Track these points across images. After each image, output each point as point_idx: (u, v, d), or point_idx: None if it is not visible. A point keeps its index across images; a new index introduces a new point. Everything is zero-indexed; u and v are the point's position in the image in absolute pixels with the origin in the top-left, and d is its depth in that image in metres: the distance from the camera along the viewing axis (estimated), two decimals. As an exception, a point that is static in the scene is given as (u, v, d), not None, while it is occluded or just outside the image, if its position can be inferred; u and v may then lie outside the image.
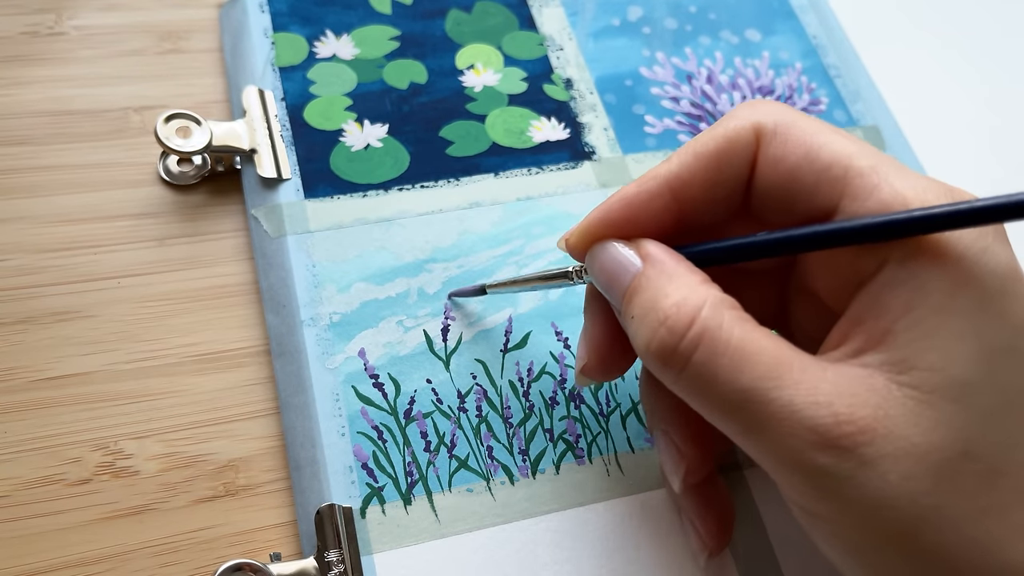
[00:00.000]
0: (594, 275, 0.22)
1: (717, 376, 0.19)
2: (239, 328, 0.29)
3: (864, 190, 0.19)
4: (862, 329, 0.19)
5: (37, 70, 0.34)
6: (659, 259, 0.21)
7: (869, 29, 0.41)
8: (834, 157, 0.20)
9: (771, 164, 0.21)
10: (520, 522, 0.26)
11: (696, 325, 0.19)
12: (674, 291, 0.20)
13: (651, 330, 0.20)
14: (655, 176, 0.22)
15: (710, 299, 0.20)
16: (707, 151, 0.22)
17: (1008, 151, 0.38)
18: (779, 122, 0.21)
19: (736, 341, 0.19)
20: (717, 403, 0.19)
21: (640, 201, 0.22)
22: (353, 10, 0.36)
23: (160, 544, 0.26)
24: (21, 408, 0.27)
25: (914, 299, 0.18)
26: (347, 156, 0.32)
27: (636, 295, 0.21)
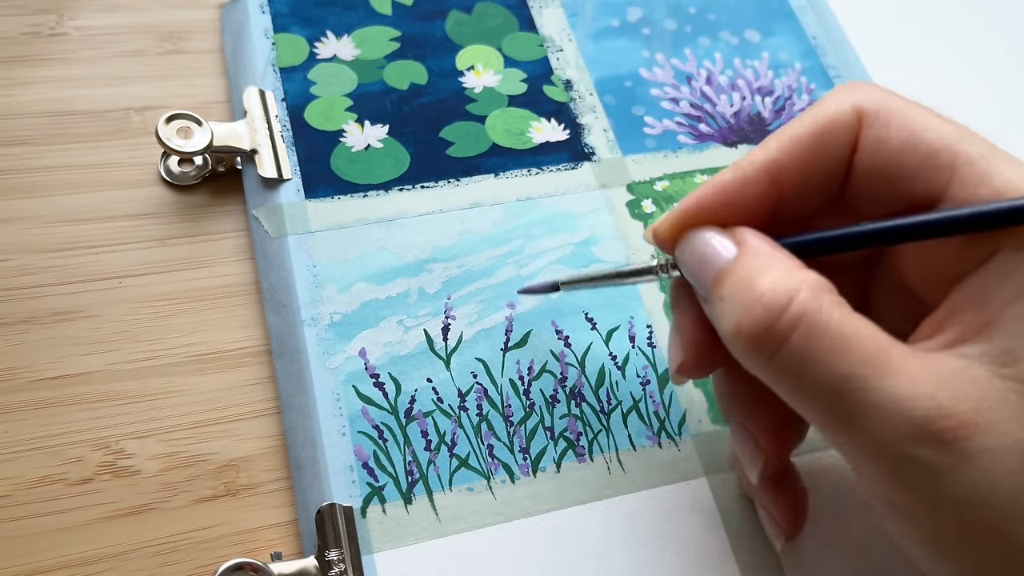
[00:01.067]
0: (685, 263, 0.21)
1: (816, 360, 0.18)
2: (240, 328, 0.30)
3: (974, 177, 0.19)
4: (961, 319, 0.18)
5: (38, 71, 0.34)
6: (755, 245, 0.20)
7: (869, 29, 0.41)
8: (941, 142, 0.19)
9: (873, 147, 0.20)
10: (521, 521, 0.26)
11: (795, 305, 0.18)
12: (770, 272, 0.19)
13: (744, 308, 0.19)
14: (752, 161, 0.21)
15: (809, 281, 0.19)
16: (806, 134, 0.21)
17: (1008, 150, 0.38)
18: (881, 104, 0.20)
19: (836, 324, 0.18)
20: (813, 389, 0.18)
21: (736, 187, 0.21)
22: (353, 11, 0.36)
23: (161, 544, 0.26)
24: (22, 408, 0.27)
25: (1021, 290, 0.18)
26: (347, 156, 0.32)
27: (728, 277, 0.20)
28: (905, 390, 0.17)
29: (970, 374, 0.18)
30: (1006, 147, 0.20)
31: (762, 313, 0.18)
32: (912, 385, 0.17)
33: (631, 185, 0.34)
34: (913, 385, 0.17)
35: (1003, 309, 0.18)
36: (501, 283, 0.30)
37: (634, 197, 0.33)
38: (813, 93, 0.38)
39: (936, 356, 0.18)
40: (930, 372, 0.18)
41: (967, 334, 0.18)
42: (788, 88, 0.38)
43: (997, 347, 0.18)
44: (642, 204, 0.33)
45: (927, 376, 0.18)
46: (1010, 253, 0.18)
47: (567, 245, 0.32)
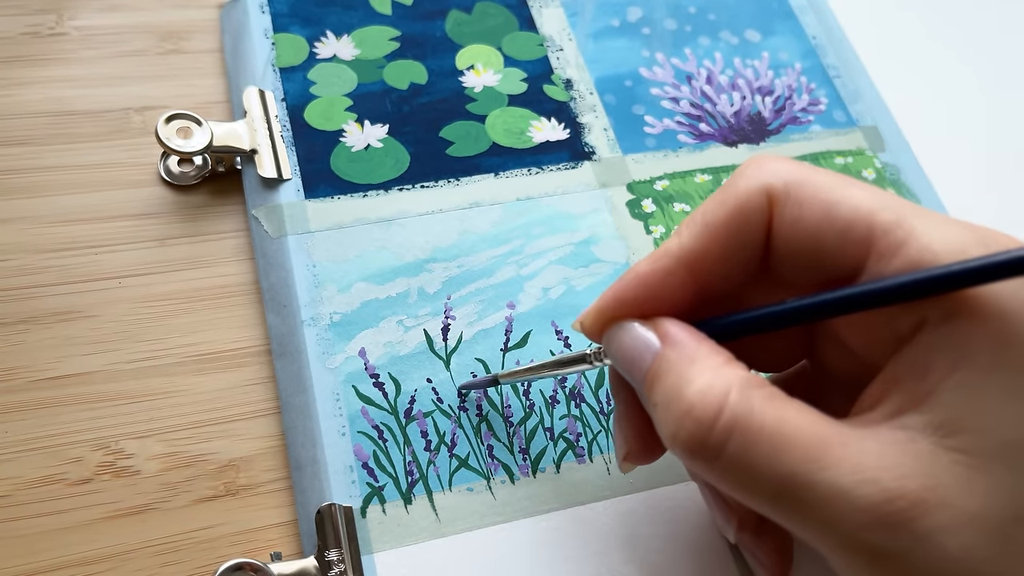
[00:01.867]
0: (612, 358, 0.21)
1: (754, 465, 0.18)
2: (240, 328, 0.30)
3: (890, 247, 0.18)
4: (901, 389, 0.18)
5: (38, 71, 0.34)
6: (678, 339, 0.20)
7: (869, 29, 0.41)
8: (855, 214, 0.19)
9: (788, 228, 0.20)
10: (521, 521, 0.26)
11: (725, 413, 0.18)
12: (697, 376, 0.19)
13: (676, 420, 0.19)
14: (667, 252, 0.21)
15: (736, 382, 0.18)
16: (718, 221, 0.21)
17: (1007, 151, 0.38)
18: (791, 182, 0.20)
19: (771, 425, 0.18)
20: (756, 491, 0.18)
21: (655, 279, 0.21)
22: (353, 11, 0.36)
23: (161, 544, 0.26)
24: (22, 408, 0.27)
25: (957, 359, 0.17)
26: (347, 156, 0.32)
27: (657, 381, 0.20)
28: (849, 479, 0.17)
29: (914, 448, 0.17)
30: (1005, 146, 0.20)
31: (693, 427, 0.18)
32: (855, 472, 0.17)
33: (631, 184, 0.34)
34: (856, 472, 0.17)
35: (941, 380, 0.18)
36: (501, 283, 0.30)
37: (634, 196, 0.33)
38: (813, 93, 0.38)
39: (879, 431, 0.18)
40: (873, 453, 0.17)
41: (908, 405, 0.18)
42: (788, 88, 0.38)
43: (938, 418, 0.17)
44: (642, 203, 0.33)
45: (870, 458, 0.17)
46: (937, 324, 0.18)
47: (567, 245, 0.32)
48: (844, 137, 0.37)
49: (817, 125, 0.37)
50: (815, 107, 0.37)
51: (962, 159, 0.38)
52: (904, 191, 0.36)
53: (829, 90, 0.38)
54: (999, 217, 0.36)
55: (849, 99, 0.38)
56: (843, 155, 0.36)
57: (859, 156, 0.36)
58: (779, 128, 0.37)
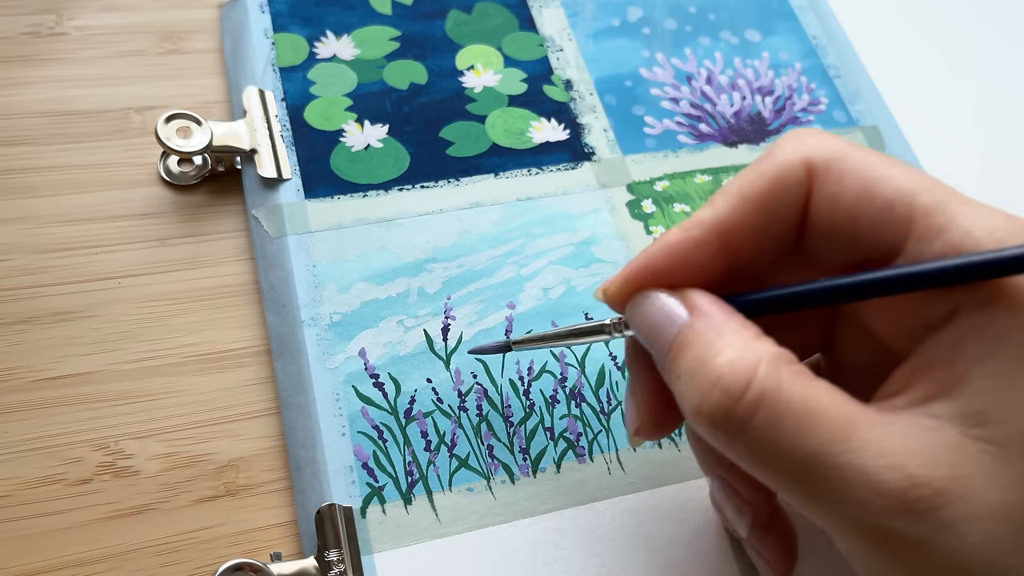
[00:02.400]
0: (636, 327, 0.21)
1: (780, 441, 0.17)
2: (240, 328, 0.30)
3: (931, 230, 0.18)
4: (929, 376, 0.18)
5: (38, 70, 0.34)
6: (707, 311, 0.19)
7: (869, 29, 0.41)
8: (896, 194, 0.19)
9: (827, 203, 0.20)
10: (521, 521, 0.26)
11: (754, 386, 0.18)
12: (726, 347, 0.18)
13: (702, 392, 0.18)
14: (700, 221, 0.20)
15: (766, 356, 0.18)
16: (755, 193, 0.20)
17: (1008, 151, 0.38)
18: (831, 156, 0.20)
19: (798, 402, 0.17)
20: (779, 469, 0.18)
21: (685, 248, 0.20)
22: (353, 11, 0.36)
23: (161, 544, 0.26)
24: (22, 408, 0.27)
25: (991, 348, 0.17)
26: (347, 156, 0.32)
27: (683, 351, 0.19)
28: (874, 462, 0.17)
29: (941, 436, 0.17)
30: (1006, 146, 0.20)
31: (721, 398, 0.18)
32: (881, 456, 0.17)
33: (631, 185, 0.34)
34: (882, 456, 0.17)
35: (971, 368, 0.17)
36: (501, 283, 0.30)
37: (634, 197, 0.33)
38: (813, 93, 0.38)
39: (904, 416, 0.18)
40: (899, 438, 0.17)
41: (936, 392, 0.18)
42: (788, 88, 0.38)
43: (967, 407, 0.17)
44: (642, 204, 0.33)
45: (896, 443, 0.17)
46: (972, 311, 0.18)
47: (567, 245, 0.32)
48: (844, 137, 0.37)
49: (817, 125, 0.37)
50: (815, 107, 0.37)
51: (962, 159, 0.38)
52: (904, 191, 0.36)
53: (829, 90, 0.38)
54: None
55: (849, 99, 0.38)
56: (843, 155, 0.36)
57: (859, 156, 0.36)
58: (779, 128, 0.37)
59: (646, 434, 0.23)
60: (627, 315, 0.21)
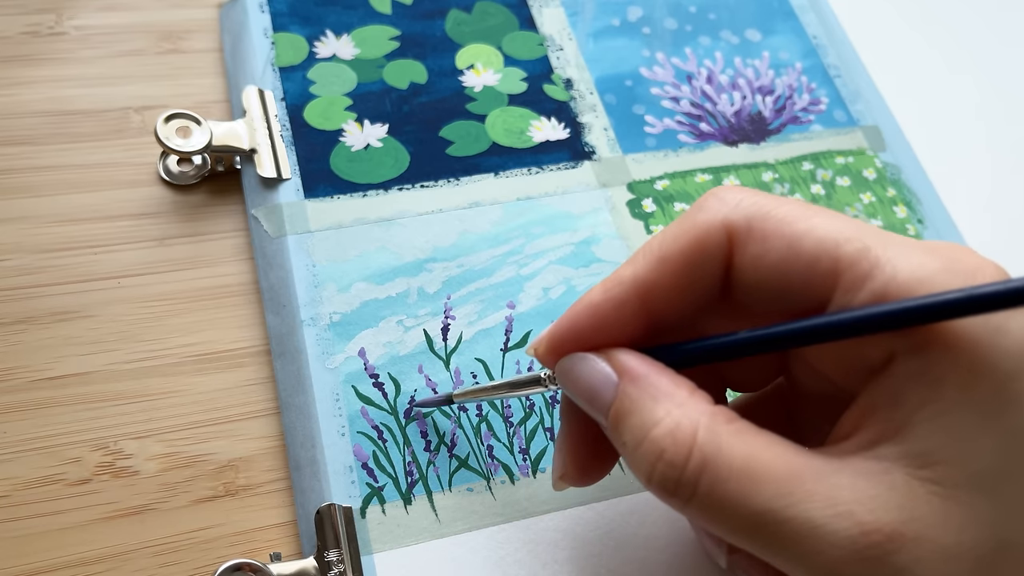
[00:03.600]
0: (568, 390, 0.21)
1: (726, 503, 0.18)
2: (239, 328, 0.29)
3: (856, 280, 0.18)
4: (876, 419, 0.18)
5: (37, 70, 0.34)
6: (638, 374, 0.20)
7: (869, 29, 0.41)
8: (819, 246, 0.19)
9: (751, 263, 0.20)
10: (520, 521, 0.26)
11: (695, 453, 0.18)
12: (664, 414, 0.19)
13: (649, 464, 0.19)
14: (620, 281, 0.20)
15: (703, 419, 0.18)
16: (674, 255, 0.20)
17: (1008, 150, 0.38)
18: (752, 216, 0.20)
19: (740, 462, 0.18)
20: (732, 527, 0.18)
21: (608, 308, 0.20)
22: (353, 10, 0.36)
23: (160, 544, 0.26)
24: (21, 408, 0.27)
25: (930, 392, 0.17)
26: (347, 156, 0.32)
27: (622, 421, 0.19)
28: (822, 513, 0.17)
29: (888, 479, 0.17)
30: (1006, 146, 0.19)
31: (666, 470, 0.18)
32: (829, 506, 0.17)
33: (632, 184, 0.34)
34: (830, 506, 0.17)
35: (914, 412, 0.17)
36: (501, 283, 0.30)
37: (635, 196, 0.33)
38: (814, 92, 0.38)
39: (853, 461, 0.18)
40: (847, 486, 0.17)
41: (882, 435, 0.18)
42: (789, 87, 0.38)
43: (913, 449, 0.17)
44: (643, 203, 0.33)
45: (844, 492, 0.17)
46: (908, 356, 0.18)
47: (567, 245, 0.32)
48: (845, 137, 0.37)
49: (818, 125, 0.37)
50: (816, 107, 0.37)
51: (963, 158, 0.38)
52: (904, 191, 0.36)
53: (830, 90, 0.38)
54: (999, 216, 0.36)
55: (850, 99, 0.38)
56: (843, 155, 0.36)
57: (860, 156, 0.36)
58: (780, 128, 0.36)
59: (571, 481, 0.23)
60: (558, 377, 0.21)
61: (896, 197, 0.35)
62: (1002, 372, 0.17)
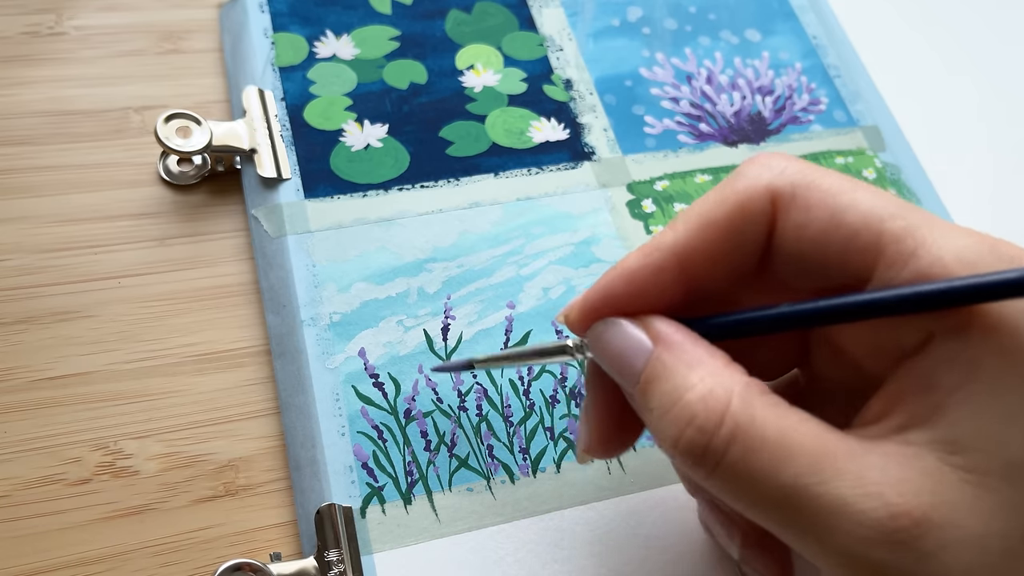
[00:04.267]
0: (599, 357, 0.21)
1: (755, 474, 0.17)
2: (239, 328, 0.29)
3: (900, 257, 0.18)
4: (906, 404, 0.18)
5: (37, 70, 0.34)
6: (674, 341, 0.19)
7: (869, 29, 0.41)
8: (863, 220, 0.18)
9: (793, 232, 0.19)
10: (521, 521, 0.26)
11: (727, 420, 0.18)
12: (697, 381, 0.18)
13: (677, 428, 0.18)
14: (660, 246, 0.20)
15: (737, 388, 0.18)
16: (717, 220, 0.20)
17: (1008, 150, 0.38)
18: (797, 183, 0.19)
19: (773, 433, 0.17)
20: (757, 501, 0.18)
21: (645, 274, 0.20)
22: (353, 10, 0.36)
23: (160, 544, 0.26)
24: (21, 408, 0.27)
25: (966, 376, 0.17)
26: (347, 156, 0.32)
27: (653, 385, 0.19)
28: (852, 493, 0.17)
29: (919, 464, 0.17)
30: (1006, 145, 0.19)
31: (695, 434, 0.18)
32: (859, 486, 0.17)
33: (631, 185, 0.34)
34: (860, 485, 0.17)
35: (948, 396, 0.17)
36: (501, 283, 0.30)
37: (634, 197, 0.33)
38: (814, 92, 0.38)
39: (884, 445, 0.18)
40: (877, 467, 0.17)
41: (913, 420, 0.18)
42: (789, 88, 0.38)
43: (945, 435, 0.17)
44: (642, 204, 0.33)
45: (874, 472, 0.17)
46: (946, 338, 0.17)
47: (567, 245, 0.32)
48: (844, 137, 0.37)
49: (817, 125, 0.37)
50: (815, 107, 0.37)
51: (963, 159, 0.38)
52: (904, 191, 0.36)
53: (829, 90, 0.38)
54: (999, 216, 0.36)
55: (849, 99, 0.38)
56: (843, 155, 0.36)
57: (859, 156, 0.36)
58: (779, 128, 0.36)
59: (595, 454, 0.23)
60: (590, 343, 0.21)
61: (896, 197, 0.35)
62: None
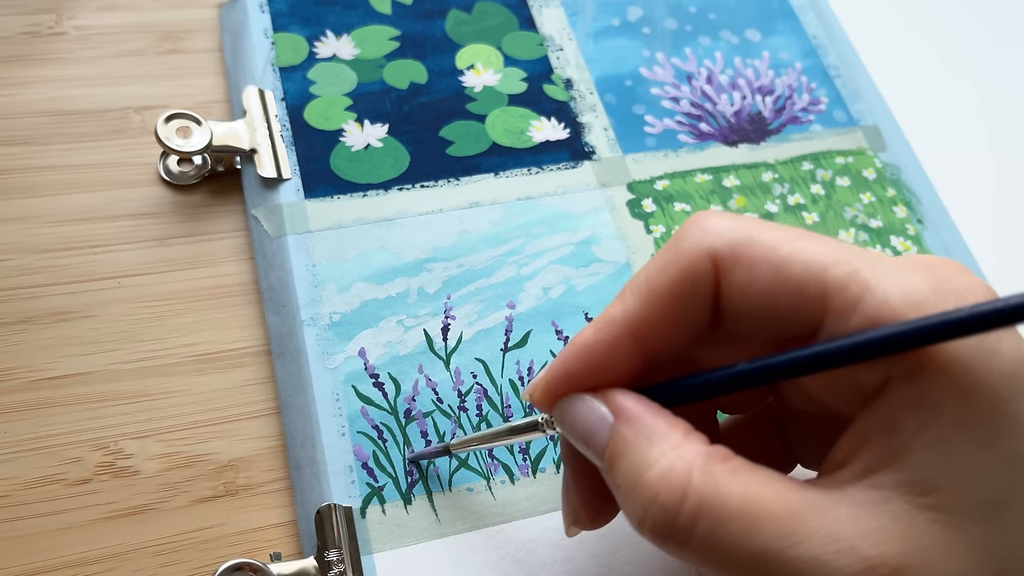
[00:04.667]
0: (566, 432, 0.21)
1: (726, 546, 0.17)
2: (239, 328, 0.29)
3: (847, 305, 0.18)
4: (872, 446, 0.18)
5: (37, 70, 0.34)
6: (633, 415, 0.19)
7: (869, 29, 0.41)
8: (807, 270, 0.18)
9: (738, 290, 0.19)
10: (520, 521, 0.26)
11: (690, 496, 0.18)
12: (658, 456, 0.18)
13: (643, 508, 0.18)
14: (611, 320, 0.20)
15: (698, 460, 0.18)
16: (662, 289, 0.20)
17: (1008, 150, 0.38)
18: (736, 242, 0.19)
19: (737, 503, 0.17)
20: (732, 570, 0.18)
21: (600, 349, 0.20)
22: (353, 10, 0.36)
23: (160, 544, 0.26)
24: (21, 408, 0.27)
25: (927, 418, 0.17)
26: (347, 156, 0.32)
27: (616, 463, 0.19)
28: (825, 550, 0.17)
29: (888, 508, 0.17)
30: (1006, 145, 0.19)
31: (660, 513, 0.18)
32: (831, 542, 0.17)
33: (632, 184, 0.34)
34: (832, 542, 0.17)
35: (912, 438, 0.17)
36: (501, 283, 0.30)
37: (635, 196, 0.33)
38: (814, 92, 0.38)
39: (851, 492, 0.17)
40: (847, 520, 0.17)
41: (879, 463, 0.17)
42: (789, 87, 0.38)
43: (911, 476, 0.17)
44: (643, 203, 0.33)
45: (845, 526, 0.17)
46: (903, 382, 0.17)
47: (567, 245, 0.32)
48: (844, 137, 0.37)
49: (818, 125, 0.37)
50: (815, 107, 0.37)
51: (963, 158, 0.38)
52: (904, 191, 0.36)
53: (830, 90, 0.38)
54: (999, 216, 0.36)
55: (850, 99, 0.38)
56: (843, 155, 0.36)
57: (859, 156, 0.36)
58: (779, 128, 0.36)
59: (583, 526, 0.23)
60: (556, 420, 0.21)
61: (896, 197, 0.35)
62: (996, 395, 0.17)
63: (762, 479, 0.18)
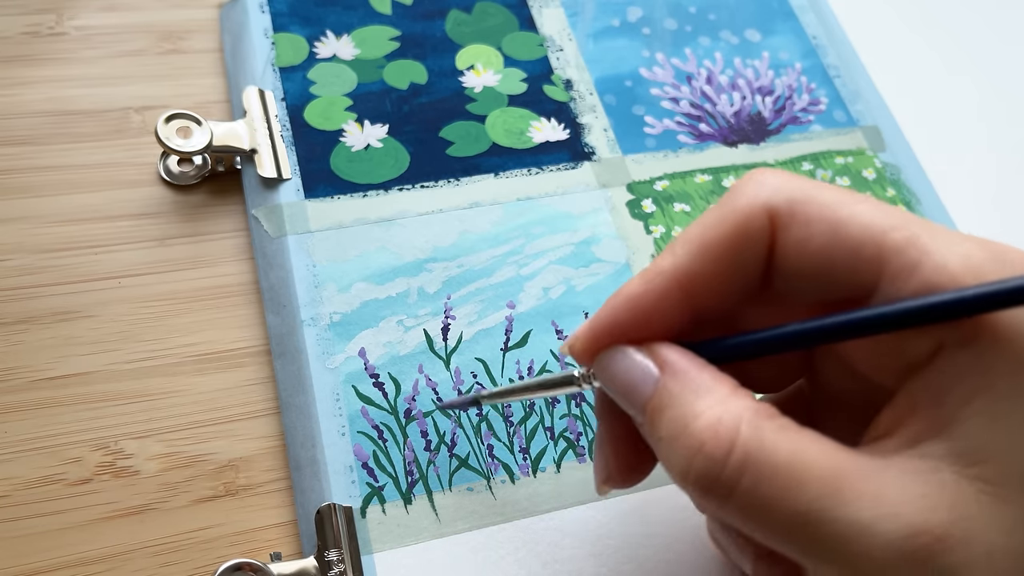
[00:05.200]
0: (607, 385, 0.20)
1: (769, 502, 0.17)
2: (239, 328, 0.29)
3: (903, 269, 0.17)
4: (919, 416, 0.17)
5: (38, 70, 0.34)
6: (680, 368, 0.19)
7: (869, 29, 0.41)
8: (865, 233, 0.18)
9: (794, 249, 0.19)
10: (521, 521, 0.26)
11: (737, 448, 0.17)
12: (705, 408, 0.18)
13: (686, 458, 0.18)
14: (661, 271, 0.20)
15: (746, 414, 0.18)
16: (716, 241, 0.19)
17: (1008, 150, 0.38)
18: (794, 199, 0.19)
19: (784, 459, 0.17)
20: (772, 528, 0.17)
21: (648, 300, 0.20)
22: (353, 10, 0.36)
23: (160, 544, 0.26)
24: (21, 408, 0.27)
25: (978, 386, 0.17)
26: (347, 156, 0.32)
27: (660, 414, 0.19)
28: (869, 514, 0.16)
29: (936, 478, 0.17)
30: (1006, 145, 0.19)
31: (705, 464, 0.17)
32: (876, 507, 0.16)
33: (631, 185, 0.34)
34: (877, 506, 0.16)
35: (961, 407, 0.17)
36: (501, 283, 0.30)
37: (634, 197, 0.33)
38: (813, 92, 0.38)
39: (897, 460, 0.17)
40: (894, 485, 0.17)
41: (927, 432, 0.17)
42: (788, 88, 0.38)
43: (960, 447, 0.17)
44: (642, 204, 0.33)
45: (891, 491, 0.17)
46: (956, 348, 0.17)
47: (567, 245, 0.32)
48: (844, 137, 0.37)
49: (817, 125, 0.37)
50: (815, 107, 0.37)
51: (963, 159, 0.38)
52: (904, 191, 0.36)
53: (829, 90, 0.38)
54: (999, 216, 0.36)
55: (849, 99, 0.38)
56: (843, 155, 0.36)
57: (859, 156, 0.36)
58: (779, 128, 0.37)
59: (614, 484, 0.22)
60: (596, 373, 0.21)
61: (896, 197, 0.35)
62: None
63: (810, 438, 0.18)
